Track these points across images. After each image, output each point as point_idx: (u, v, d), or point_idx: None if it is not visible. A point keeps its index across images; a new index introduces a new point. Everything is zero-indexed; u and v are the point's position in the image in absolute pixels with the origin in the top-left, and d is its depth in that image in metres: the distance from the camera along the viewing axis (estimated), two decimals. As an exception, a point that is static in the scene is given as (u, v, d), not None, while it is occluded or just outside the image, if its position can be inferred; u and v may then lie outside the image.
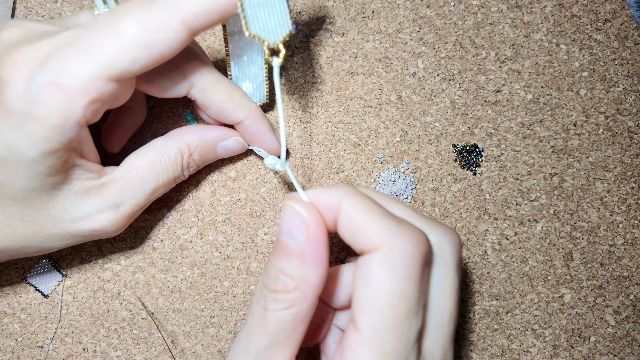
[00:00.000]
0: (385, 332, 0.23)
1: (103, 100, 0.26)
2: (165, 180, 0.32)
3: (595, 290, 0.37)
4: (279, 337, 0.25)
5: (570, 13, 0.39)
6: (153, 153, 0.32)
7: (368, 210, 0.25)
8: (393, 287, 0.23)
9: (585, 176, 0.38)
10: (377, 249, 0.24)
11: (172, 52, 0.27)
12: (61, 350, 0.35)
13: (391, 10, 0.38)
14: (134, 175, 0.31)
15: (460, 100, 0.38)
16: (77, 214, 0.29)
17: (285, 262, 0.24)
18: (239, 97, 0.32)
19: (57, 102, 0.25)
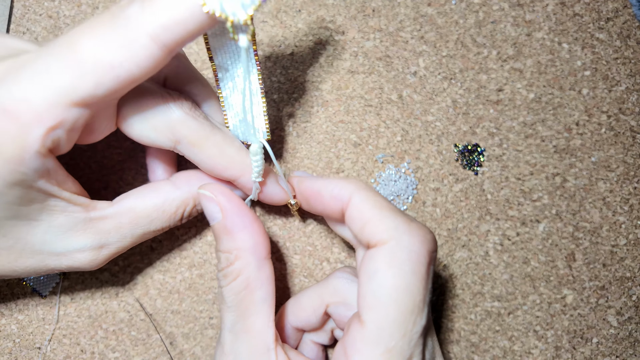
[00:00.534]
0: (390, 328, 0.23)
1: (68, 128, 0.24)
2: (159, 228, 0.30)
3: (597, 291, 0.37)
4: (241, 307, 0.27)
5: (572, 12, 0.38)
6: (154, 200, 0.29)
7: (378, 206, 0.25)
8: (399, 282, 0.23)
9: (588, 176, 0.37)
10: (383, 243, 0.24)
11: (144, 71, 0.23)
12: (59, 351, 0.35)
13: (392, 9, 0.38)
14: (127, 218, 0.28)
15: (462, 100, 0.38)
16: (56, 249, 0.27)
17: (220, 243, 0.28)
18: (233, 152, 0.29)
19: (8, 132, 0.22)
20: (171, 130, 0.27)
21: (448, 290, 0.37)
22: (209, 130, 0.28)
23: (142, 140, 0.28)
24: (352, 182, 0.27)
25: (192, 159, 0.29)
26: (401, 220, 0.25)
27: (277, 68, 0.38)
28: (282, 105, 0.37)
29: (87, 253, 0.28)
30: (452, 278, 0.37)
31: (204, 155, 0.28)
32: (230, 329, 0.27)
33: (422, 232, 0.25)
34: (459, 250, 0.37)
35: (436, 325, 0.36)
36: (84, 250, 0.28)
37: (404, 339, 0.23)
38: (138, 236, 0.29)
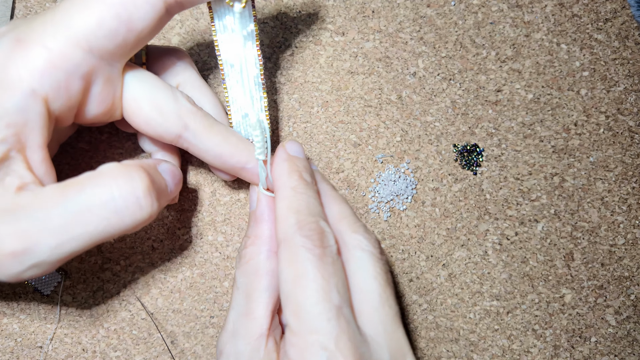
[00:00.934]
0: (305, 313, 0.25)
1: (69, 72, 0.24)
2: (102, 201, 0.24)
3: (596, 290, 0.37)
4: (247, 290, 0.29)
5: (571, 12, 0.39)
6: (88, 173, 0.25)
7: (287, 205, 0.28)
8: (293, 275, 0.26)
9: (586, 176, 0.37)
10: (279, 244, 0.27)
11: (150, 28, 0.26)
12: (60, 350, 0.35)
13: (391, 10, 0.38)
14: (58, 193, 0.23)
15: (461, 100, 0.38)
16: None
17: (248, 227, 0.31)
18: (237, 139, 0.30)
19: (14, 58, 0.23)
20: (180, 117, 0.28)
21: (447, 290, 0.37)
22: (212, 120, 0.30)
23: (149, 126, 0.28)
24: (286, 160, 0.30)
25: (196, 149, 0.29)
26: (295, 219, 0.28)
27: (277, 69, 0.38)
28: (282, 105, 0.38)
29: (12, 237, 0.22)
30: (451, 277, 0.37)
31: (210, 143, 0.29)
32: (236, 310, 0.29)
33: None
34: (458, 250, 0.37)
35: (435, 324, 0.37)
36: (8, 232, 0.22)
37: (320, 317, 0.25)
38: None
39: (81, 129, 0.36)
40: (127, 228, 0.24)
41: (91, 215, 0.23)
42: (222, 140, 0.29)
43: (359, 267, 0.28)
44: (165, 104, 0.28)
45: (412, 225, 0.37)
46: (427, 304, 0.37)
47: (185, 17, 0.38)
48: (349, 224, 0.29)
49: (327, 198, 0.30)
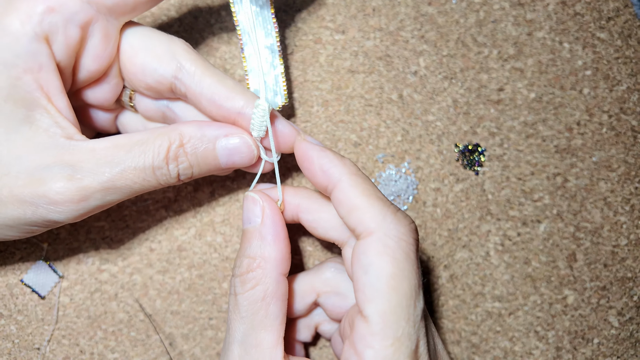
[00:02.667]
0: (394, 316, 0.24)
1: (66, 17, 0.25)
2: (140, 164, 0.26)
3: (598, 291, 0.37)
4: (255, 319, 0.26)
5: (574, 11, 0.38)
6: (141, 135, 0.27)
7: (367, 193, 0.26)
8: (394, 270, 0.24)
9: (589, 176, 0.37)
10: (370, 233, 0.25)
11: None
12: (58, 352, 0.35)
13: (392, 8, 0.38)
14: (107, 150, 0.26)
15: (462, 99, 0.37)
16: (26, 166, 0.25)
17: (247, 247, 0.27)
18: (233, 83, 0.28)
19: (15, 3, 0.24)
20: (174, 57, 0.28)
21: (449, 291, 0.37)
22: (208, 64, 0.29)
23: (145, 74, 0.28)
24: (345, 163, 0.27)
25: (191, 91, 0.28)
26: (388, 210, 0.25)
27: (277, 67, 0.37)
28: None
29: (57, 179, 0.25)
30: (453, 278, 0.37)
31: (205, 83, 0.28)
32: (240, 342, 0.26)
33: (407, 220, 0.25)
34: (459, 251, 0.37)
35: (437, 325, 0.36)
36: (54, 174, 0.25)
37: (408, 324, 0.24)
38: (116, 173, 0.26)
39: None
40: (158, 187, 0.28)
41: (134, 176, 0.26)
42: (217, 81, 0.28)
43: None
44: (159, 45, 0.28)
45: (413, 225, 0.37)
46: (428, 306, 0.36)
47: (184, 15, 0.37)
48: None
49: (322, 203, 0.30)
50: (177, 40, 0.29)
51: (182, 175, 0.28)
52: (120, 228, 0.36)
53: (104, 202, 0.27)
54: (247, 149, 0.29)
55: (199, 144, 0.28)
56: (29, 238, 0.36)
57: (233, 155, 0.29)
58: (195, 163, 0.28)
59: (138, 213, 0.36)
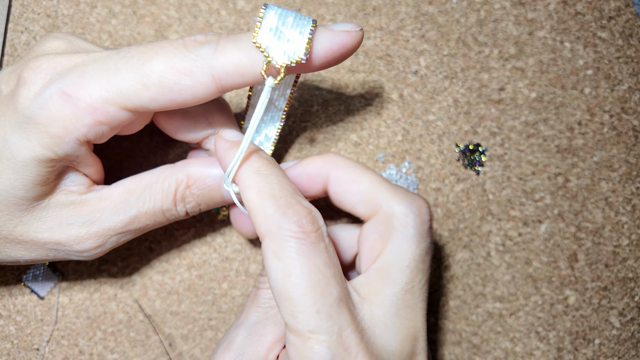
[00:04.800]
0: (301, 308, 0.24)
1: (111, 126, 0.26)
2: (151, 209, 0.29)
3: (600, 292, 0.36)
4: (269, 312, 0.27)
5: (575, 10, 0.38)
6: (149, 177, 0.29)
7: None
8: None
9: (590, 176, 0.37)
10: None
11: (196, 102, 0.26)
12: (57, 352, 0.35)
13: (392, 7, 0.38)
14: (120, 196, 0.28)
15: (463, 99, 0.37)
16: (47, 224, 0.28)
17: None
18: None
19: (62, 112, 0.25)
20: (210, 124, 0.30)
21: (449, 291, 0.36)
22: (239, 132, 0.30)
23: (178, 132, 0.30)
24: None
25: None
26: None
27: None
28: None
29: (74, 229, 0.28)
30: (454, 279, 0.36)
31: None
32: (248, 327, 0.28)
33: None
34: (460, 251, 0.37)
35: (437, 326, 0.36)
36: (71, 225, 0.28)
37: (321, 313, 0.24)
38: (130, 218, 0.28)
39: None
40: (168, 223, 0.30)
41: (145, 219, 0.29)
42: None
43: (395, 249, 0.26)
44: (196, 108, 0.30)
45: (413, 225, 0.37)
46: (429, 306, 0.36)
47: (184, 15, 0.37)
48: (389, 192, 0.27)
49: (355, 174, 0.28)
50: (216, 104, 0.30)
51: (189, 212, 0.30)
52: (119, 228, 0.36)
53: (119, 242, 0.30)
54: None
55: (204, 184, 0.29)
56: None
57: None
58: (202, 201, 0.30)
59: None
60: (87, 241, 0.28)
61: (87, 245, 0.28)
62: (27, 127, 0.25)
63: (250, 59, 0.25)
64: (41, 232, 0.28)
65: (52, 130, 0.25)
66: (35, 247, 0.28)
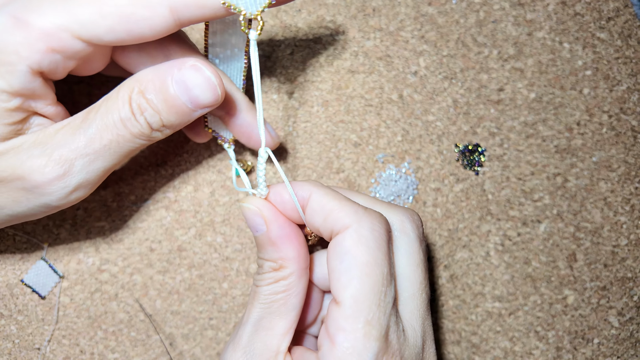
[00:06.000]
0: (366, 300, 0.25)
1: (66, 56, 0.25)
2: (110, 121, 0.26)
3: (598, 291, 0.37)
4: (273, 305, 0.27)
5: (574, 11, 0.38)
6: (108, 94, 0.27)
7: (337, 198, 0.27)
8: (367, 258, 0.25)
9: (589, 176, 0.37)
10: (346, 227, 0.26)
11: (154, 34, 0.25)
12: (58, 352, 0.35)
13: (392, 8, 0.38)
14: (78, 118, 0.27)
15: (463, 99, 0.37)
16: (8, 162, 0.26)
17: (264, 252, 0.28)
18: (225, 84, 0.30)
19: (12, 37, 0.24)
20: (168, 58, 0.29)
21: (449, 291, 0.37)
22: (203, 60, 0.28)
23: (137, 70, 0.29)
24: (309, 182, 0.28)
25: None
26: (359, 207, 0.27)
27: (277, 68, 0.37)
28: (282, 105, 0.37)
29: (37, 160, 0.26)
30: (453, 278, 0.37)
31: None
32: (254, 323, 0.27)
33: (377, 214, 0.27)
34: (459, 251, 0.37)
35: (437, 325, 0.36)
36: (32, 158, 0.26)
37: (379, 309, 0.25)
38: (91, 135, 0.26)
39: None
40: (141, 145, 0.28)
41: (108, 133, 0.26)
42: None
43: (404, 253, 0.27)
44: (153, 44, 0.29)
45: (413, 225, 0.37)
46: (428, 306, 0.36)
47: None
48: (388, 206, 0.29)
49: (352, 194, 0.30)
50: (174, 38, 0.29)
51: (152, 124, 0.27)
52: (120, 228, 0.36)
53: (90, 172, 0.27)
54: (204, 79, 0.26)
55: (157, 85, 0.26)
56: (29, 238, 0.36)
57: (191, 90, 0.26)
58: (160, 108, 0.27)
59: (138, 213, 0.36)
60: (49, 170, 0.25)
61: (50, 175, 0.25)
62: None
63: None
64: (2, 170, 0.26)
65: (2, 58, 0.24)
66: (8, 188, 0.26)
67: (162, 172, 0.36)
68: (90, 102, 0.32)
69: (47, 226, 0.36)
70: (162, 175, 0.37)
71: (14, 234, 0.36)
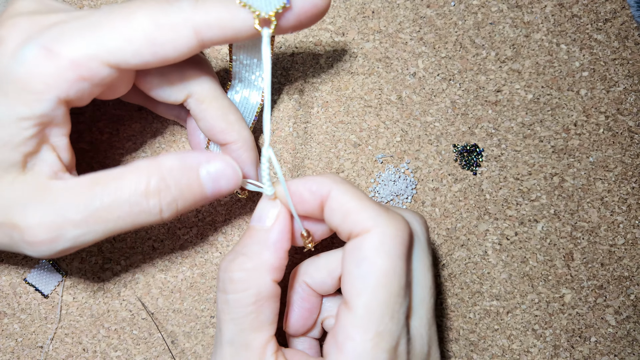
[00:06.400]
0: (379, 311, 0.24)
1: (94, 83, 0.25)
2: (116, 201, 0.25)
3: (595, 290, 0.37)
4: (245, 321, 0.26)
5: (571, 13, 0.39)
6: (120, 169, 0.26)
7: (358, 197, 0.26)
8: (387, 267, 0.24)
9: (586, 176, 0.37)
10: (367, 231, 0.25)
11: (178, 56, 0.26)
12: (61, 350, 0.35)
13: (391, 10, 0.38)
14: (85, 186, 0.25)
15: (461, 100, 0.38)
16: (5, 202, 0.25)
17: (248, 243, 0.27)
18: (234, 120, 0.30)
19: (43, 68, 0.24)
20: (185, 84, 0.29)
21: (447, 289, 0.37)
22: (219, 93, 0.30)
23: (156, 94, 0.30)
24: (329, 176, 0.27)
25: (196, 115, 0.30)
26: (381, 209, 0.26)
27: (278, 69, 0.38)
28: (282, 105, 0.38)
29: (31, 215, 0.25)
30: (451, 277, 0.37)
31: (209, 114, 0.30)
32: (230, 342, 0.26)
33: (400, 218, 0.26)
34: (457, 250, 0.37)
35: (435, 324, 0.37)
36: (28, 210, 0.25)
37: (392, 321, 0.24)
38: (93, 210, 0.25)
39: (81, 129, 0.36)
40: (140, 226, 0.26)
41: (109, 213, 0.25)
42: (221, 115, 0.30)
43: (416, 257, 0.27)
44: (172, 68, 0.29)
45: (412, 225, 0.37)
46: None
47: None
48: (397, 210, 0.28)
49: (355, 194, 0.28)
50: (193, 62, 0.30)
51: (165, 211, 0.26)
52: (122, 227, 0.36)
53: (78, 242, 0.26)
54: (233, 172, 0.28)
55: (179, 175, 0.26)
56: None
57: (219, 181, 0.27)
58: (180, 196, 0.26)
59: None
60: (39, 231, 0.25)
61: (39, 236, 0.25)
62: (4, 85, 0.24)
63: (230, 13, 0.25)
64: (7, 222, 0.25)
65: (31, 87, 0.24)
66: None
67: (164, 172, 0.37)
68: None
69: (50, 226, 0.36)
70: (163, 175, 0.37)
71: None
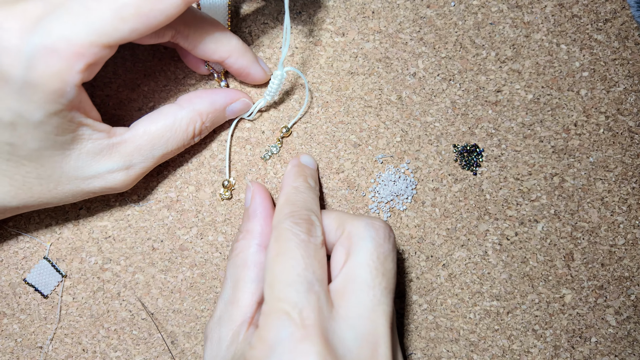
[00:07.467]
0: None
1: (100, 63, 0.27)
2: (175, 147, 0.33)
3: (596, 290, 0.37)
4: (237, 281, 0.31)
5: (571, 13, 0.39)
6: (163, 121, 0.32)
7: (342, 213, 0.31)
8: None
9: (586, 176, 0.38)
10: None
11: (168, 20, 0.27)
12: (61, 351, 0.35)
13: (391, 11, 0.38)
14: (144, 141, 0.32)
15: (461, 101, 0.38)
16: (89, 173, 0.31)
17: (242, 223, 0.33)
18: (219, 36, 0.33)
19: (54, 68, 0.25)
20: (171, 25, 0.31)
21: (447, 290, 0.37)
22: (198, 19, 0.32)
23: (144, 39, 0.31)
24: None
25: (187, 47, 0.33)
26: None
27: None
28: (282, 106, 0.38)
29: (116, 174, 0.31)
30: (451, 277, 0.37)
31: (197, 42, 0.33)
32: (224, 299, 0.31)
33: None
34: (458, 250, 0.37)
35: (435, 324, 0.37)
36: (113, 172, 0.31)
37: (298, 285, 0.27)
38: (159, 157, 0.33)
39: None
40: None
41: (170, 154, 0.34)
42: (207, 38, 0.33)
43: (355, 253, 0.29)
44: None
45: (412, 225, 0.37)
46: (427, 304, 0.37)
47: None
48: (354, 217, 0.30)
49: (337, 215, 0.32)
50: None
51: (199, 138, 0.35)
52: (122, 227, 0.36)
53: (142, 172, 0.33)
54: (246, 105, 0.36)
55: (213, 116, 0.34)
56: (32, 237, 0.36)
57: (237, 113, 0.36)
58: (211, 127, 0.35)
59: (140, 213, 0.37)
60: (128, 181, 0.32)
61: (128, 183, 0.33)
62: (26, 92, 0.26)
63: None
64: (88, 180, 0.31)
65: (51, 87, 0.26)
66: (81, 193, 0.32)
67: (164, 173, 0.37)
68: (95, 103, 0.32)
69: (50, 226, 0.36)
70: (164, 176, 0.37)
71: (17, 233, 0.36)
